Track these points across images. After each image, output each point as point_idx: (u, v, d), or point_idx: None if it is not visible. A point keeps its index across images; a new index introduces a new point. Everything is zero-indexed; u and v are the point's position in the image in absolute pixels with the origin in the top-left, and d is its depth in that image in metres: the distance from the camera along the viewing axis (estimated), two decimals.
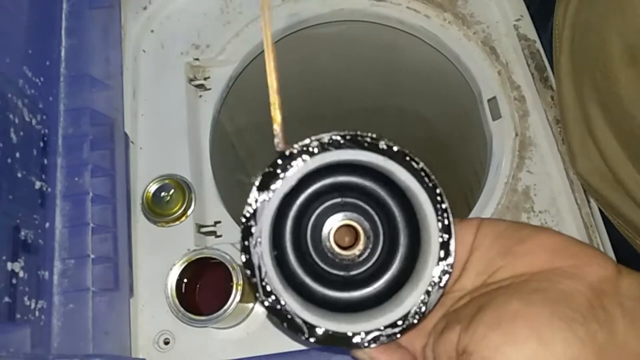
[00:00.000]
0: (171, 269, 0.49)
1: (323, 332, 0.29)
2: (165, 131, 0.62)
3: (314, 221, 0.32)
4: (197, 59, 0.66)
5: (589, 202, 0.58)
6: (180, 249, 0.55)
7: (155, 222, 0.57)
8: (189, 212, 0.57)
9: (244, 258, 0.29)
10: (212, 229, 0.59)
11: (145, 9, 0.67)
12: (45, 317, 0.44)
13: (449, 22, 0.67)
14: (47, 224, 0.47)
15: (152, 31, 0.68)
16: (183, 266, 0.49)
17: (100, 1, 0.59)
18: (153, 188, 0.58)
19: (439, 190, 0.30)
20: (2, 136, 0.42)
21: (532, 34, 0.65)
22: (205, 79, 0.66)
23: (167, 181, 0.58)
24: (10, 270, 0.41)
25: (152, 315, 0.54)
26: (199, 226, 0.58)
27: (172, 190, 0.58)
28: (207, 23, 0.68)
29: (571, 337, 0.26)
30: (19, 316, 0.41)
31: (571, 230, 0.57)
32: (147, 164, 0.61)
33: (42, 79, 0.50)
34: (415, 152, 0.30)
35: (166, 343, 0.53)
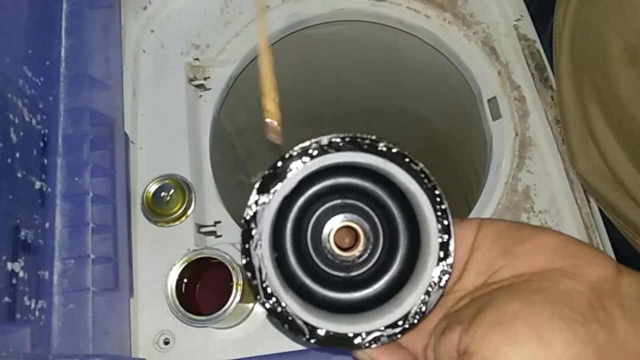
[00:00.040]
0: (171, 269, 0.49)
1: (324, 334, 0.29)
2: (165, 131, 0.62)
3: (314, 223, 0.32)
4: (197, 59, 0.66)
5: (589, 202, 0.58)
6: (180, 249, 0.55)
7: (155, 222, 0.57)
8: (189, 212, 0.57)
9: (244, 261, 0.29)
10: (212, 229, 0.59)
11: (145, 9, 0.67)
12: (45, 317, 0.44)
13: (449, 22, 0.67)
14: (47, 224, 0.47)
15: (152, 31, 0.67)
16: (183, 266, 0.50)
17: (100, 1, 0.59)
18: (153, 188, 0.58)
19: (438, 192, 0.30)
20: (2, 136, 0.42)
21: (532, 34, 0.65)
22: (205, 79, 0.66)
23: (167, 181, 0.58)
24: (10, 270, 0.41)
25: (152, 315, 0.54)
26: (199, 226, 0.58)
27: (172, 190, 0.58)
28: (207, 23, 0.68)
29: (571, 337, 0.26)
30: (19, 316, 0.41)
31: (571, 230, 0.57)
32: (147, 164, 0.61)
33: (42, 79, 0.50)
34: (415, 153, 0.30)
35: (166, 343, 0.53)
